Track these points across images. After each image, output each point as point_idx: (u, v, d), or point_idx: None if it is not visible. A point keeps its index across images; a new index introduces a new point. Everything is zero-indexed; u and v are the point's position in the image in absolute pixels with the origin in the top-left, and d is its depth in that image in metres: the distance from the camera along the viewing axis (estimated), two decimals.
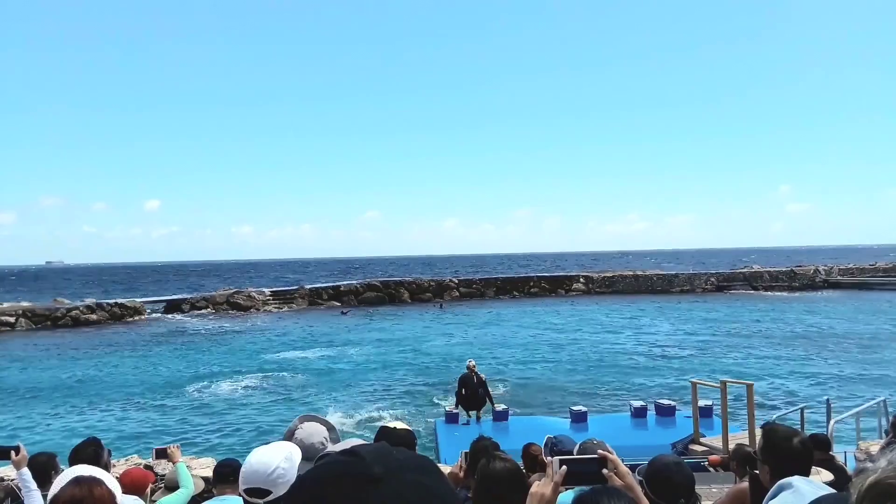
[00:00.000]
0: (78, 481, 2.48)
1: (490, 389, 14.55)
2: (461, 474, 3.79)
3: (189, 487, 4.54)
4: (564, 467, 2.01)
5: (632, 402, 14.28)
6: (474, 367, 14.38)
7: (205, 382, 22.33)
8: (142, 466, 6.95)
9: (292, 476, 2.41)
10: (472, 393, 14.06)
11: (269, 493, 2.38)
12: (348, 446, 0.95)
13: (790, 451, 2.81)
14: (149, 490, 4.34)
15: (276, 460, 2.44)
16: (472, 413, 13.93)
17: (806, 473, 2.77)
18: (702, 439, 11.64)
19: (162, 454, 5.17)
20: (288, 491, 0.86)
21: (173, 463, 4.87)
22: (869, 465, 1.00)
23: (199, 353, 29.07)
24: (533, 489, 2.00)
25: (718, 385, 11.56)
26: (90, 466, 2.80)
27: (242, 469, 2.47)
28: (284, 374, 23.62)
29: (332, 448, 2.71)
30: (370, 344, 30.48)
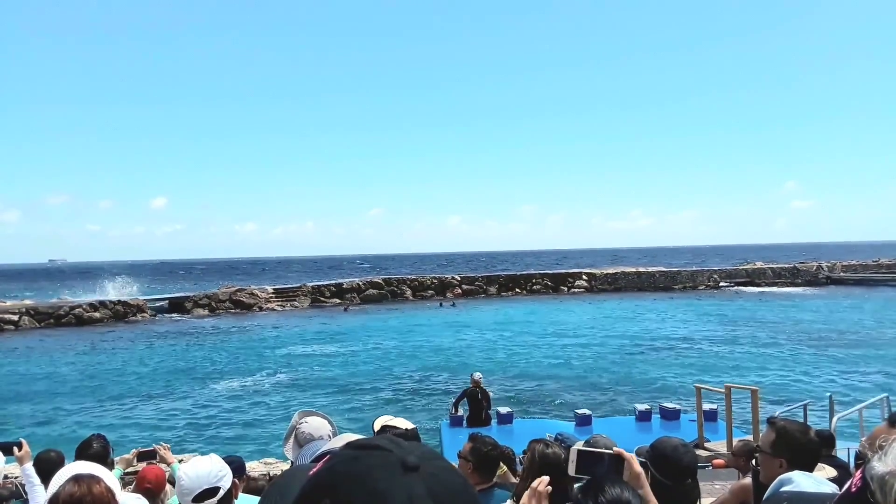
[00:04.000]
0: (77, 479, 2.46)
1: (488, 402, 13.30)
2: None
3: None
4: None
5: (636, 405, 14.25)
6: (480, 381, 13.27)
7: (207, 380, 22.39)
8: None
9: (229, 473, 2.77)
10: (477, 411, 13.09)
11: (218, 489, 2.68)
12: (345, 441, 0.94)
13: (809, 445, 2.83)
14: (168, 488, 4.34)
15: (209, 464, 2.75)
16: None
17: (813, 467, 2.78)
18: (706, 444, 11.63)
19: (148, 456, 4.69)
20: (314, 489, 0.82)
21: (167, 464, 4.70)
22: (877, 465, 0.97)
23: (202, 351, 29.12)
24: (534, 484, 2.01)
25: (723, 391, 11.55)
26: (89, 463, 2.79)
27: (181, 484, 2.71)
28: (287, 371, 23.66)
29: (332, 444, 2.72)
30: (372, 342, 30.49)
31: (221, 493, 2.70)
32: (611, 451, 2.12)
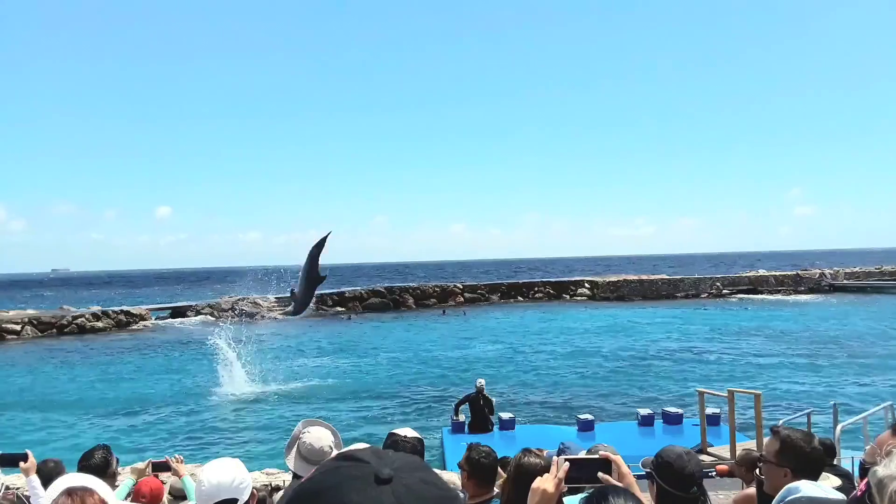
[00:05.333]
0: (70, 492, 2.44)
1: (490, 408, 13.60)
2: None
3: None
4: (567, 464, 2.07)
5: (639, 410, 14.25)
6: (483, 387, 13.56)
7: (209, 389, 22.35)
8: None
9: (250, 483, 2.69)
10: (478, 416, 13.33)
11: (236, 501, 2.60)
12: (342, 452, 0.96)
13: (814, 454, 2.82)
14: (165, 500, 4.33)
15: (232, 471, 2.67)
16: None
17: (818, 476, 2.77)
18: (709, 449, 11.61)
19: (162, 467, 4.72)
20: (300, 497, 0.87)
21: (178, 476, 4.69)
22: (879, 470, 0.98)
23: (204, 360, 29.08)
24: (534, 485, 2.05)
25: (726, 395, 11.53)
26: (83, 475, 2.78)
27: (200, 489, 2.63)
28: (290, 380, 23.62)
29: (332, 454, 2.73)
30: (375, 350, 30.46)
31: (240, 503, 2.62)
32: (597, 456, 2.16)
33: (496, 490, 3.70)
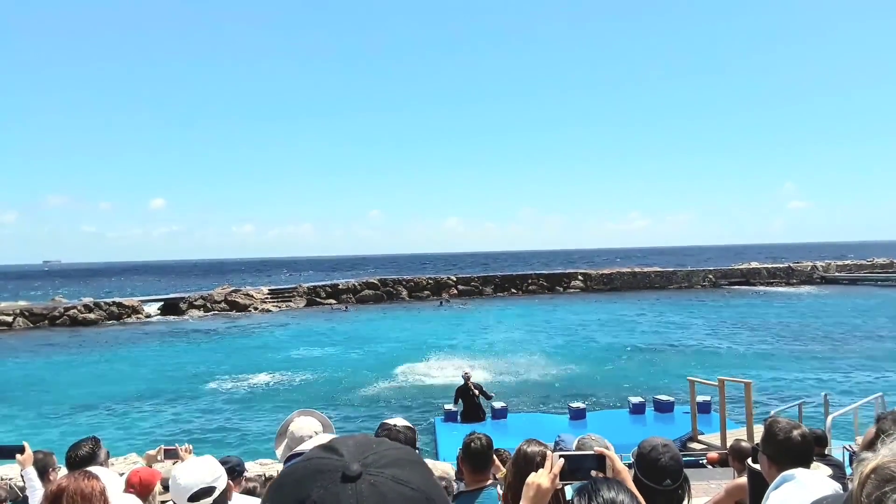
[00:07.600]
0: (70, 474, 2.58)
1: (484, 394, 13.78)
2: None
3: None
4: (562, 460, 2.07)
5: (630, 398, 14.32)
6: (470, 377, 13.76)
7: (202, 381, 22.32)
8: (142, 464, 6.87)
9: (223, 475, 2.83)
10: (470, 406, 13.52)
11: (213, 489, 2.74)
12: (329, 441, 0.94)
13: (790, 443, 2.86)
14: (157, 489, 4.32)
15: (204, 464, 2.81)
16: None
17: (806, 466, 2.80)
18: (700, 437, 11.68)
19: (172, 454, 4.85)
20: (268, 488, 0.86)
21: None
22: (868, 454, 1.00)
23: (197, 352, 29.05)
24: (529, 479, 2.04)
25: (716, 384, 11.59)
26: (97, 468, 2.85)
27: (175, 483, 2.76)
28: (283, 372, 23.61)
29: (320, 441, 2.74)
30: (369, 341, 30.45)
31: (216, 493, 2.75)
32: (591, 452, 2.16)
33: (493, 479, 3.70)
